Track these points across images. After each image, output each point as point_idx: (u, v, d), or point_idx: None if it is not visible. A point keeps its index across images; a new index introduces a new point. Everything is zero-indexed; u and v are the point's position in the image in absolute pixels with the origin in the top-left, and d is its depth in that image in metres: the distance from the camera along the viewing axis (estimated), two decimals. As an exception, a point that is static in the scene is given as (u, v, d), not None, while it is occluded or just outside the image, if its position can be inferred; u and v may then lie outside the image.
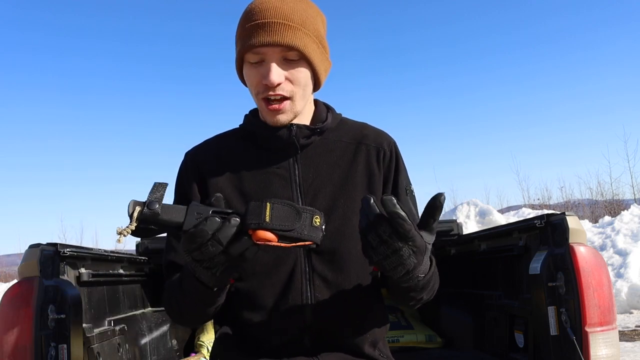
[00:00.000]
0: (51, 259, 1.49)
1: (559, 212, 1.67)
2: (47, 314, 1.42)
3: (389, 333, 2.74)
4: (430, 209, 1.01)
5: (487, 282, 2.30)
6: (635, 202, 12.05)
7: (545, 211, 5.85)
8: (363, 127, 1.38)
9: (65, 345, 1.42)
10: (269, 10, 1.20)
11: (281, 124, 1.25)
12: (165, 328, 2.54)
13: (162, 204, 0.95)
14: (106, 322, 1.91)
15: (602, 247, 7.31)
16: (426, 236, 1.02)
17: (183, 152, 1.37)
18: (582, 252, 1.54)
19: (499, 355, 2.10)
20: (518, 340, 1.94)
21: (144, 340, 2.23)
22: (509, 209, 12.86)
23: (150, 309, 2.45)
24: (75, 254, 1.64)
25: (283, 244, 0.95)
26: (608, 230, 7.82)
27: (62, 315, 1.44)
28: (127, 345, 2.01)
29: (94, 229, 24.30)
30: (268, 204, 0.95)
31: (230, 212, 0.99)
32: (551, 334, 1.60)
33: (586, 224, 8.89)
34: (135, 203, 0.95)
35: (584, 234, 1.59)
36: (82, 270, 1.73)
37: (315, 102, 1.38)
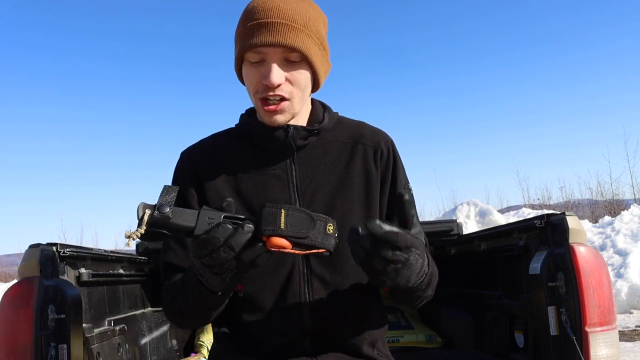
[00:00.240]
0: (51, 259, 1.49)
1: (559, 212, 1.67)
2: (47, 314, 1.42)
3: (388, 333, 2.74)
4: (401, 209, 1.00)
5: (487, 282, 2.30)
6: (635, 202, 12.04)
7: (545, 211, 5.85)
8: (360, 126, 1.37)
9: (65, 345, 1.42)
10: (271, 9, 1.17)
11: (278, 125, 1.24)
12: (165, 328, 2.54)
13: (173, 208, 0.92)
14: (106, 322, 1.91)
15: (602, 247, 7.31)
16: (415, 232, 1.01)
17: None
18: (582, 252, 1.54)
19: (499, 355, 2.10)
20: (518, 340, 1.94)
21: (144, 340, 2.23)
22: (509, 209, 12.85)
23: (150, 309, 2.45)
24: (75, 254, 1.63)
25: (297, 251, 0.94)
26: (608, 230, 7.81)
27: (62, 315, 1.44)
28: (127, 345, 2.01)
29: (94, 229, 24.35)
30: (283, 211, 0.93)
31: (242, 217, 0.96)
32: (551, 334, 1.60)
33: (586, 224, 8.89)
34: (145, 206, 0.92)
35: (584, 234, 1.59)
36: (82, 270, 1.73)
37: (312, 102, 1.36)
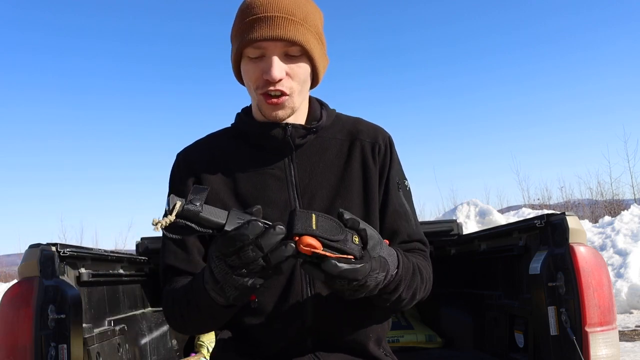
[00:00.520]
0: (51, 259, 1.49)
1: (559, 212, 1.67)
2: (47, 314, 1.42)
3: (388, 333, 2.74)
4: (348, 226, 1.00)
5: (487, 282, 2.30)
6: (635, 202, 12.04)
7: (545, 211, 5.85)
8: (357, 122, 1.36)
9: (65, 345, 1.42)
10: (270, 4, 1.16)
11: (279, 119, 1.23)
12: (165, 328, 2.53)
13: (203, 204, 0.92)
14: (106, 322, 1.91)
15: (602, 247, 7.31)
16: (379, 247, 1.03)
17: (183, 152, 1.35)
18: (582, 252, 1.54)
19: (499, 355, 2.10)
20: (518, 340, 1.94)
21: (144, 340, 2.23)
22: (509, 209, 12.84)
23: (150, 309, 2.45)
24: (75, 254, 1.64)
25: (327, 253, 0.94)
26: (608, 230, 7.82)
27: (62, 315, 1.44)
28: (127, 345, 2.01)
29: (94, 229, 24.27)
30: (313, 215, 0.95)
31: (271, 224, 0.96)
32: (551, 334, 1.60)
33: (586, 224, 8.89)
34: (176, 198, 0.91)
35: (584, 234, 1.59)
36: (82, 270, 1.73)
37: (309, 99, 1.34)
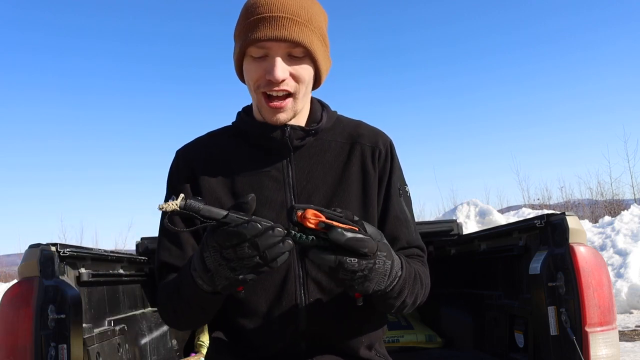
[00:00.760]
0: (51, 259, 1.49)
1: (559, 212, 1.67)
2: (47, 314, 1.42)
3: (388, 333, 2.74)
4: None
5: (487, 282, 2.30)
6: (635, 202, 12.04)
7: (545, 211, 5.85)
8: (358, 125, 1.35)
9: (65, 345, 1.42)
10: (275, 4, 1.16)
11: (281, 123, 1.23)
12: (165, 328, 2.53)
13: (205, 204, 0.99)
14: (106, 322, 1.91)
15: (602, 247, 7.31)
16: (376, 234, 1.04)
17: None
18: (582, 252, 1.54)
19: (499, 355, 2.10)
20: (518, 340, 1.94)
21: (144, 340, 2.23)
22: (509, 209, 12.84)
23: (150, 309, 2.45)
24: (75, 254, 1.63)
25: (333, 222, 0.97)
26: (608, 230, 7.82)
27: (62, 315, 1.44)
28: (127, 345, 2.01)
29: (94, 229, 24.26)
30: (312, 205, 1.01)
31: (271, 224, 0.98)
32: (551, 334, 1.60)
33: (586, 224, 8.89)
34: (180, 194, 1.00)
35: (584, 234, 1.59)
36: (82, 270, 1.73)
37: (311, 100, 1.34)
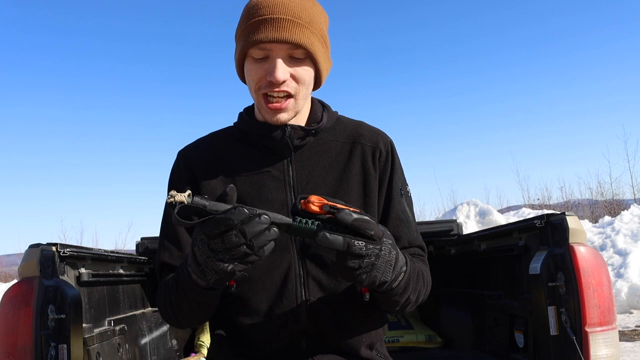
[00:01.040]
0: (51, 259, 1.49)
1: (559, 212, 1.67)
2: (47, 314, 1.42)
3: (388, 333, 2.74)
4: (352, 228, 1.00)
5: (487, 282, 2.30)
6: (635, 202, 12.04)
7: (545, 211, 5.85)
8: (359, 125, 1.35)
9: (65, 345, 1.42)
10: (276, 5, 1.16)
11: (281, 123, 1.23)
12: (165, 328, 2.54)
13: (210, 201, 1.00)
14: (106, 322, 1.91)
15: (602, 247, 7.31)
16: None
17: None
18: (582, 252, 1.54)
19: (499, 355, 2.11)
20: (518, 340, 1.95)
21: (144, 340, 2.23)
22: (509, 209, 12.85)
23: (150, 309, 2.45)
24: (75, 254, 1.64)
25: (337, 204, 1.00)
26: (608, 230, 7.82)
27: (62, 315, 1.44)
28: (127, 345, 2.01)
29: (94, 229, 24.30)
30: None
31: (257, 212, 0.99)
32: (551, 334, 1.60)
33: (586, 224, 8.89)
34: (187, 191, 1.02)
35: (584, 234, 1.59)
36: (82, 270, 1.73)
37: (311, 100, 1.35)
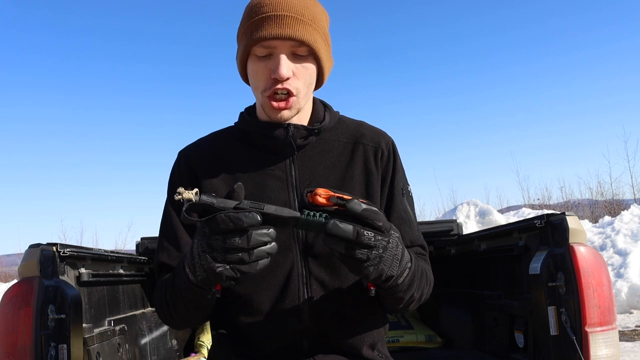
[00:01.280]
0: (51, 259, 1.49)
1: (559, 212, 1.67)
2: (47, 314, 1.42)
3: (389, 333, 2.74)
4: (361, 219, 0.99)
5: (487, 282, 2.30)
6: (635, 202, 12.04)
7: (545, 211, 5.85)
8: (360, 125, 1.36)
9: (65, 345, 1.42)
10: (279, 3, 1.17)
11: (284, 120, 1.24)
12: (165, 328, 2.54)
13: (218, 197, 1.01)
14: (106, 322, 1.91)
15: (602, 247, 7.31)
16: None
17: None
18: (582, 252, 1.54)
19: (499, 355, 2.11)
20: (518, 340, 1.95)
21: (144, 340, 2.23)
22: (509, 209, 12.85)
23: (150, 309, 2.45)
24: (75, 254, 1.64)
25: (345, 195, 0.99)
26: (608, 230, 7.82)
27: (62, 316, 1.44)
28: (127, 345, 2.02)
29: (94, 229, 24.32)
30: None
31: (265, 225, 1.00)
32: (551, 334, 1.60)
33: (586, 224, 8.89)
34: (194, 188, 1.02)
35: (584, 234, 1.60)
36: (82, 270, 1.73)
37: (313, 100, 1.35)
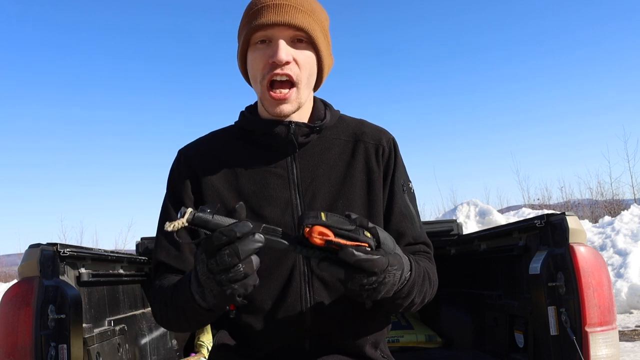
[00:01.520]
0: (51, 259, 1.49)
1: (559, 212, 1.67)
2: (47, 314, 1.42)
3: (389, 333, 2.74)
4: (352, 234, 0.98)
5: (487, 282, 2.30)
6: (635, 202, 12.05)
7: (545, 211, 5.86)
8: (361, 124, 1.36)
9: (65, 345, 1.42)
10: None
11: (284, 115, 1.23)
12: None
13: (215, 214, 0.94)
14: (106, 322, 1.91)
15: (602, 247, 7.31)
16: (386, 242, 1.00)
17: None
18: (582, 252, 1.54)
19: (499, 355, 2.11)
20: (518, 340, 1.94)
21: (144, 340, 2.23)
22: (509, 209, 12.85)
23: (150, 309, 2.45)
24: (75, 254, 1.64)
25: (341, 240, 0.95)
26: (608, 230, 7.82)
27: (62, 316, 1.44)
28: (127, 345, 2.01)
29: (94, 229, 24.35)
30: (322, 213, 0.97)
31: (280, 230, 0.97)
32: (551, 334, 1.60)
33: (586, 224, 8.89)
34: (188, 207, 0.95)
35: (584, 234, 1.60)
36: (82, 270, 1.73)
37: (314, 99, 1.35)
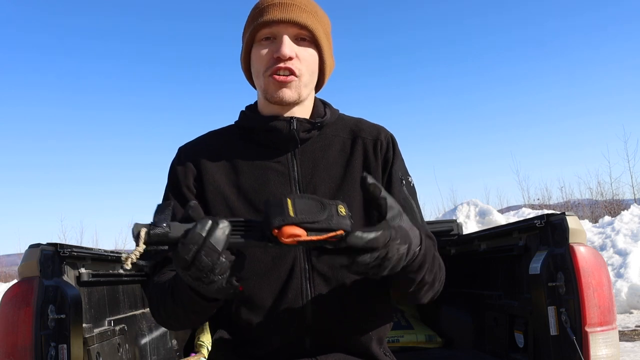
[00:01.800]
0: (51, 259, 1.49)
1: (559, 212, 1.67)
2: (47, 314, 1.42)
3: (389, 333, 2.75)
4: (371, 194, 0.96)
5: (487, 282, 2.30)
6: (635, 202, 12.04)
7: (545, 211, 5.85)
8: (359, 121, 1.37)
9: (65, 345, 1.43)
10: None
11: (285, 101, 1.24)
12: (165, 328, 2.54)
13: (169, 223, 0.85)
14: (106, 322, 1.91)
15: (602, 247, 7.31)
16: (393, 216, 0.97)
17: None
18: (582, 252, 1.54)
19: (499, 355, 2.11)
20: (518, 340, 1.95)
21: (144, 340, 2.23)
22: (509, 209, 12.85)
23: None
24: (75, 254, 1.64)
25: (313, 237, 0.86)
26: (608, 230, 7.82)
27: (62, 315, 1.44)
28: (127, 345, 2.02)
29: (94, 229, 24.40)
30: (289, 200, 0.87)
31: (250, 220, 0.89)
32: (551, 334, 1.60)
33: (586, 224, 8.89)
34: (140, 225, 0.84)
35: (584, 234, 1.60)
36: (82, 270, 1.73)
37: (314, 99, 1.36)
